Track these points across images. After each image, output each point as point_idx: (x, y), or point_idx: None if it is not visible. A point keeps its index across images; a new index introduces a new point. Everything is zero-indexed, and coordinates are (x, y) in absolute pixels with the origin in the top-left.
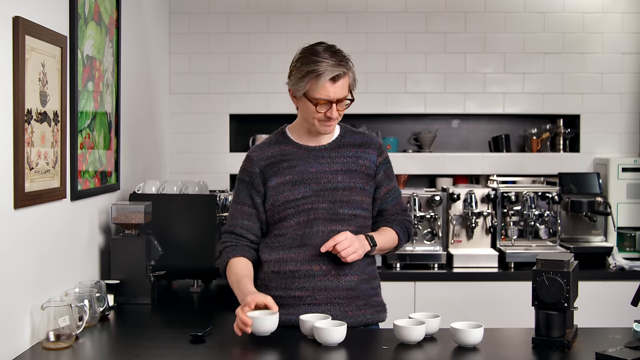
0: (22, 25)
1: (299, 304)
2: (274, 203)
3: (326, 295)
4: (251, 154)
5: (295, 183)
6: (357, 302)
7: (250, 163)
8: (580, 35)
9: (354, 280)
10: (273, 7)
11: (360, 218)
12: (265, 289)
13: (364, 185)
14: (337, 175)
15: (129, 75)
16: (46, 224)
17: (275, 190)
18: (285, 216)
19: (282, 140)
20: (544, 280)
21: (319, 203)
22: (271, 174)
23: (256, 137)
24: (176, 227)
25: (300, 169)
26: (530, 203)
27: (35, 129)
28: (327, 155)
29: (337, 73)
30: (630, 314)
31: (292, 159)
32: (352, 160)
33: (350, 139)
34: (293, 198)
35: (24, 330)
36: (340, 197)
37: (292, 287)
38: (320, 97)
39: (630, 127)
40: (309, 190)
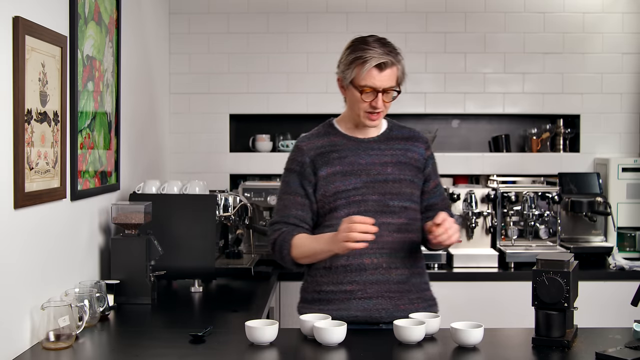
0: (22, 25)
1: (350, 298)
2: (325, 193)
3: (377, 289)
4: (300, 144)
5: (345, 174)
6: (409, 296)
7: (300, 153)
8: (580, 35)
9: (405, 273)
10: (273, 7)
11: (410, 210)
12: (315, 284)
13: (413, 177)
14: (387, 167)
15: (129, 75)
16: (46, 224)
17: (326, 180)
18: (335, 207)
19: (330, 131)
20: (544, 280)
21: (369, 195)
22: (321, 163)
23: (256, 137)
24: (176, 227)
25: (350, 160)
26: (530, 203)
27: (35, 129)
28: (377, 148)
29: (383, 61)
30: (630, 314)
31: (341, 149)
32: (401, 152)
33: (398, 133)
34: (344, 189)
35: (24, 330)
36: (391, 189)
37: (343, 282)
38: (365, 85)
39: (630, 127)
40: (360, 182)
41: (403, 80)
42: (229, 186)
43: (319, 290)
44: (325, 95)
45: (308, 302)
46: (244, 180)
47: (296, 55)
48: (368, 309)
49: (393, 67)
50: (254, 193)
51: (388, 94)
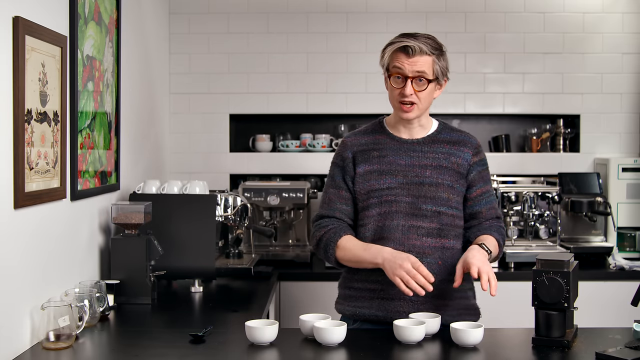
0: (22, 25)
1: (372, 297)
2: (360, 190)
3: (399, 291)
4: (346, 139)
5: (382, 173)
6: (433, 302)
7: (344, 148)
8: (580, 35)
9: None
10: (273, 7)
11: (444, 216)
12: (348, 280)
13: (453, 183)
14: (426, 170)
15: (129, 75)
16: (46, 224)
17: (363, 177)
18: (368, 205)
19: (377, 129)
20: (544, 280)
21: (403, 196)
22: (361, 160)
23: (256, 137)
24: (176, 227)
25: (390, 159)
26: (530, 203)
27: (35, 129)
28: (419, 150)
29: (411, 45)
30: (630, 314)
31: (383, 148)
32: (443, 156)
33: (446, 136)
34: (378, 187)
35: (24, 330)
36: (426, 192)
37: (369, 280)
38: (393, 67)
39: (630, 127)
40: (394, 182)
41: (443, 76)
42: (229, 186)
43: (350, 287)
44: (325, 95)
45: (342, 297)
46: (244, 180)
47: (296, 55)
48: (389, 310)
49: (425, 56)
50: (254, 193)
51: (420, 84)
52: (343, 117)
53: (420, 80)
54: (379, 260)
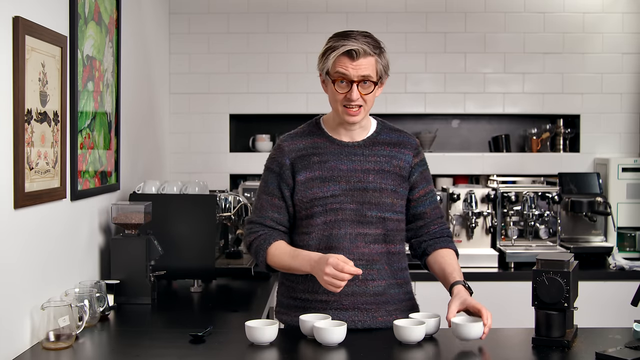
0: (22, 25)
1: (325, 308)
2: (302, 199)
3: (352, 301)
4: (282, 144)
5: (324, 180)
6: (387, 308)
7: (280, 153)
8: (580, 35)
9: (381, 285)
10: (273, 7)
11: (389, 221)
12: (292, 291)
13: (396, 187)
14: (369, 175)
15: (129, 75)
16: (46, 224)
17: (304, 185)
18: (312, 214)
19: (315, 131)
20: (544, 280)
21: (347, 203)
22: (301, 167)
23: (256, 137)
24: (176, 227)
25: (331, 165)
26: (530, 203)
27: (35, 129)
28: (360, 153)
29: (354, 48)
30: (630, 314)
31: (323, 153)
32: (385, 160)
33: (386, 137)
34: (321, 195)
35: (24, 330)
36: (370, 198)
37: (319, 291)
38: (337, 72)
39: (630, 127)
40: (338, 189)
41: (385, 75)
42: (229, 186)
43: (295, 297)
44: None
45: (284, 306)
46: (244, 180)
47: (296, 55)
48: (343, 320)
49: (369, 57)
50: (254, 193)
51: (365, 86)
52: None
53: (366, 83)
54: (307, 268)
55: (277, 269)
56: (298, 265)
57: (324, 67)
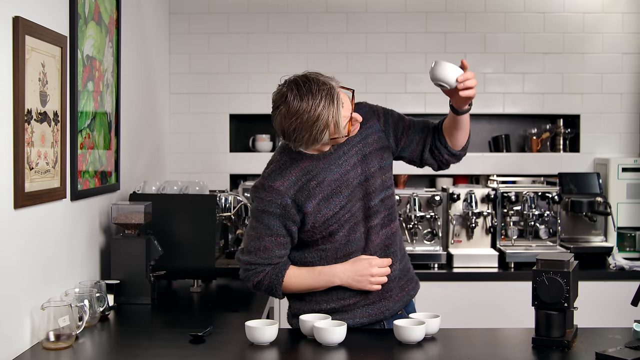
0: (22, 25)
1: (354, 309)
2: (314, 224)
3: (377, 294)
4: (274, 185)
5: (328, 198)
6: (399, 283)
7: (277, 195)
8: (580, 35)
9: (397, 267)
10: (273, 7)
11: (386, 199)
12: (315, 304)
13: (379, 163)
14: (357, 168)
15: (129, 75)
16: (46, 224)
17: (314, 212)
18: (330, 232)
19: (295, 157)
20: (544, 280)
21: (353, 204)
22: (304, 199)
23: (256, 137)
24: (176, 227)
25: (328, 181)
26: (530, 203)
27: (35, 129)
28: (342, 153)
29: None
30: (630, 314)
31: (317, 174)
32: (361, 145)
33: None
34: (333, 213)
35: (24, 330)
36: (366, 189)
37: (344, 297)
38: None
39: (630, 127)
40: (343, 198)
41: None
42: (229, 186)
43: (320, 309)
44: None
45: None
46: (244, 180)
47: (296, 55)
48: (372, 314)
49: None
50: None
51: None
52: None
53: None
54: (337, 281)
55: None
56: (324, 282)
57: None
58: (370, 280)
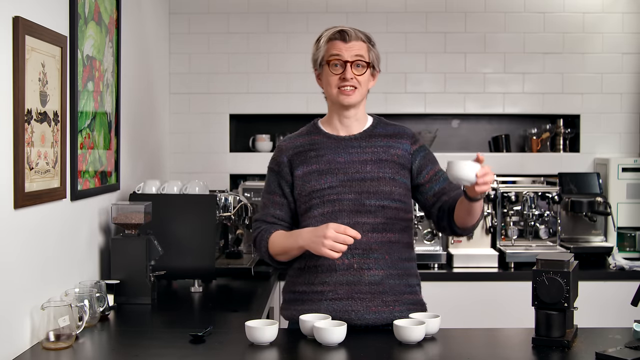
0: (22, 25)
1: (321, 299)
2: (301, 193)
3: (347, 290)
4: (281, 144)
5: (322, 172)
6: (383, 298)
7: (279, 152)
8: (580, 35)
9: (378, 275)
10: (273, 7)
11: (388, 209)
12: (292, 284)
13: (394, 175)
14: (366, 166)
15: (129, 75)
16: (46, 224)
17: (302, 179)
18: (310, 206)
19: (313, 130)
20: (544, 280)
21: (345, 194)
22: (298, 163)
23: (256, 137)
24: (176, 227)
25: (328, 158)
26: (530, 203)
27: (35, 129)
28: (357, 145)
29: (347, 29)
30: (630, 314)
31: (320, 148)
32: (382, 150)
33: (382, 130)
34: (319, 188)
35: (24, 330)
36: (368, 187)
37: (315, 282)
38: (331, 55)
39: (630, 127)
40: (336, 180)
41: (377, 62)
42: (229, 186)
43: (294, 291)
44: None
45: (286, 302)
46: (244, 180)
47: (296, 55)
48: (337, 310)
49: (360, 42)
50: (254, 193)
51: (359, 68)
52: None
53: (359, 66)
54: (300, 242)
55: (278, 257)
56: (292, 242)
57: (318, 56)
58: (323, 243)
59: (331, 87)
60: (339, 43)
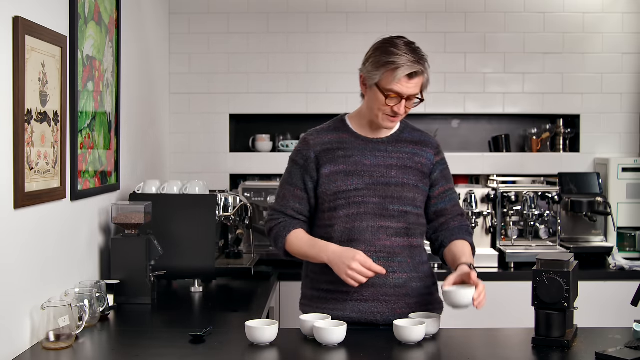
0: (22, 25)
1: (346, 299)
2: (326, 192)
3: (373, 292)
4: (308, 137)
5: (348, 174)
6: (406, 300)
7: (306, 146)
8: (580, 35)
9: (402, 277)
10: (273, 7)
11: (411, 215)
12: (315, 282)
13: (418, 182)
14: (392, 170)
15: (129, 75)
16: (46, 224)
17: (328, 178)
18: (335, 206)
19: (340, 127)
20: (544, 280)
21: (370, 197)
22: (326, 160)
23: (256, 137)
24: (176, 227)
25: (355, 159)
26: (530, 203)
27: (35, 129)
28: (384, 149)
29: (415, 70)
30: (630, 314)
31: (348, 148)
32: (408, 156)
33: (408, 135)
34: (345, 189)
35: (24, 330)
36: (392, 192)
37: (340, 282)
38: (392, 90)
39: (630, 127)
40: (362, 183)
41: (427, 87)
42: (229, 186)
43: (318, 288)
44: (325, 95)
45: (308, 298)
46: (244, 180)
47: (296, 55)
48: (363, 312)
49: (421, 76)
50: (254, 193)
51: (411, 101)
52: None
53: (412, 99)
54: (324, 258)
55: (295, 255)
56: (315, 254)
57: (375, 77)
58: (347, 271)
59: (379, 111)
60: (405, 80)
